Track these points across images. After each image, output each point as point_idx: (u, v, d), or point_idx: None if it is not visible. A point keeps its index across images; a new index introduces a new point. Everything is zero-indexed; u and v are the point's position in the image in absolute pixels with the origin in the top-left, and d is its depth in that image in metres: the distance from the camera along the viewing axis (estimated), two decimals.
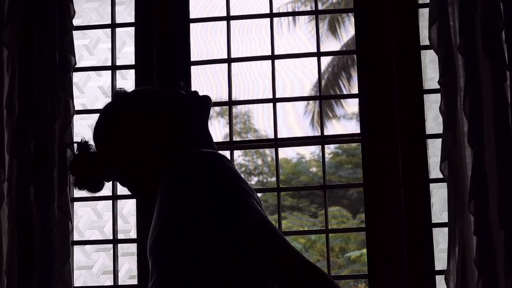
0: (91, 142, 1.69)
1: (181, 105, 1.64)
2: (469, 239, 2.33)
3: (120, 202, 2.73)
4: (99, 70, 2.79)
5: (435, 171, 2.51)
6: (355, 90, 5.13)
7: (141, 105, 1.63)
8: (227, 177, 1.45)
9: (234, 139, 2.67)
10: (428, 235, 2.48)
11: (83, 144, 1.69)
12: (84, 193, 2.72)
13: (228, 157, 2.02)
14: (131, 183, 1.65)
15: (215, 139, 1.73)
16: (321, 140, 2.64)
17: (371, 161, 2.54)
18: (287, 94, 10.82)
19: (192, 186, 1.45)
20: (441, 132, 2.40)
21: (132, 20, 2.75)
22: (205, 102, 1.68)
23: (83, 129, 2.80)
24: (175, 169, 1.49)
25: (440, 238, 2.55)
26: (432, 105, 2.58)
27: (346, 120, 11.81)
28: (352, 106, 11.53)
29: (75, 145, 1.69)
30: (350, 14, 2.84)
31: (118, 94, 1.69)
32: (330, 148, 11.70)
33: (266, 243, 1.40)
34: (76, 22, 2.64)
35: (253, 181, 11.69)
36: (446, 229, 2.41)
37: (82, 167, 1.66)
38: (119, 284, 2.65)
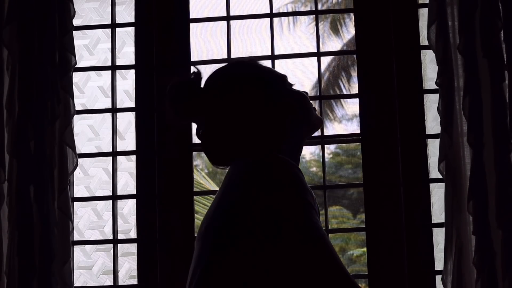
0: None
1: (302, 106, 1.68)
2: (467, 239, 2.33)
3: (120, 202, 2.73)
4: (99, 70, 2.79)
5: (435, 171, 2.51)
6: (355, 90, 5.13)
7: (270, 89, 1.65)
8: (296, 189, 1.45)
9: None
10: (428, 235, 2.48)
11: (197, 74, 1.68)
12: (84, 193, 2.75)
13: None
14: (209, 141, 1.64)
15: None
16: (321, 140, 2.64)
17: (371, 161, 2.54)
18: None
19: (262, 190, 1.45)
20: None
21: (132, 20, 2.75)
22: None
23: (83, 129, 2.80)
24: (253, 164, 1.49)
25: (440, 238, 2.55)
26: (432, 105, 2.58)
27: (346, 120, 11.81)
28: (352, 106, 11.53)
29: (192, 68, 1.68)
30: (350, 14, 2.84)
31: (256, 62, 1.71)
32: (330, 148, 11.71)
33: (319, 260, 1.39)
34: (76, 22, 2.64)
35: None
36: None
37: (181, 94, 1.64)
38: (119, 284, 2.65)
